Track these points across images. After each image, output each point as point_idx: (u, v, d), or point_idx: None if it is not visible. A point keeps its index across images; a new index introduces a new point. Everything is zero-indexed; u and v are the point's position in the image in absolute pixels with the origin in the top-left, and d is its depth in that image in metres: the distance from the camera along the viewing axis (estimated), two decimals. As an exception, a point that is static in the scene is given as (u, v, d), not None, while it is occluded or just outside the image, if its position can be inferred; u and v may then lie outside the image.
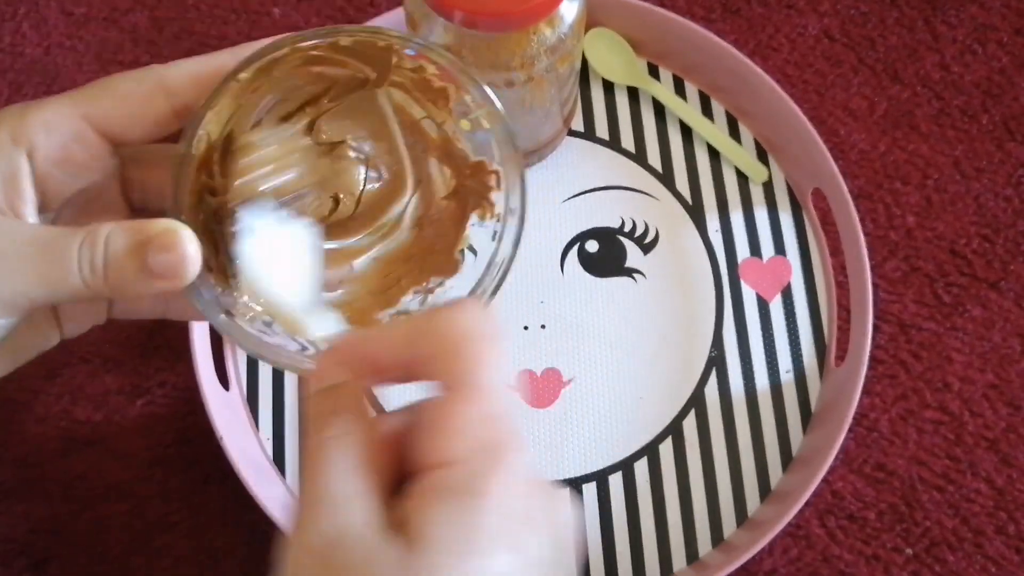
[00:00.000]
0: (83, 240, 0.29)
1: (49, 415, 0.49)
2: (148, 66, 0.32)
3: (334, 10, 0.57)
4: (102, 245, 0.29)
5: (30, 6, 0.57)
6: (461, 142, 0.35)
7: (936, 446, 0.49)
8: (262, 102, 0.33)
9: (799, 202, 0.52)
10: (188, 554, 0.47)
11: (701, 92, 0.54)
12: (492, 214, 0.34)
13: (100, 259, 0.29)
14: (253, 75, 0.31)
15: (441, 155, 0.35)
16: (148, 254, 0.29)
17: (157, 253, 0.29)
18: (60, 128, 0.31)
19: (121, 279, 0.29)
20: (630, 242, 0.51)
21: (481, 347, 0.26)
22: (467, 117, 0.34)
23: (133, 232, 0.30)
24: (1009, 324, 0.51)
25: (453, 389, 0.26)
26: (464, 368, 0.26)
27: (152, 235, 0.29)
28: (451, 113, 0.34)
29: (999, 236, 0.52)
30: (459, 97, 0.33)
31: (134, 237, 0.29)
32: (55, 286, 0.29)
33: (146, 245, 0.29)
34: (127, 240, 0.29)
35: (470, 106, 0.33)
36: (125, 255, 0.29)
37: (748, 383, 0.49)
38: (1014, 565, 0.47)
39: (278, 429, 0.48)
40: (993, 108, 0.55)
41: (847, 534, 0.47)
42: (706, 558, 0.46)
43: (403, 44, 0.32)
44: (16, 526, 0.47)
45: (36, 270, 0.29)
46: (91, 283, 0.29)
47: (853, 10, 0.57)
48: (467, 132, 0.34)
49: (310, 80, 0.34)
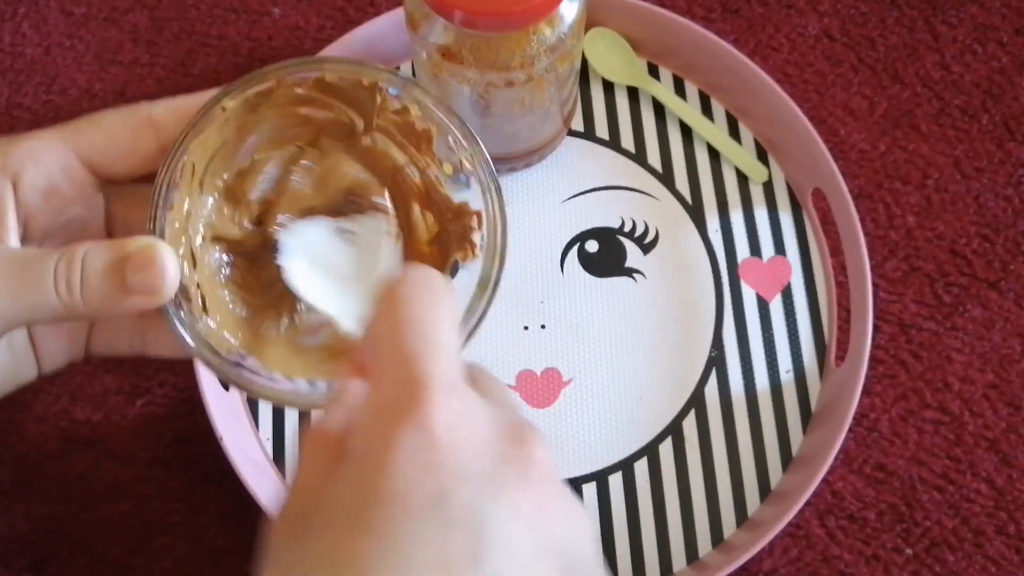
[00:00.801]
0: (60, 257, 0.29)
1: (48, 415, 0.49)
2: (136, 103, 0.32)
3: (334, 10, 0.57)
4: (79, 262, 0.29)
5: (30, 6, 0.57)
6: (443, 187, 0.35)
7: (936, 446, 0.49)
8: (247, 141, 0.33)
9: (799, 202, 0.52)
10: (188, 554, 0.47)
11: (701, 92, 0.54)
12: (474, 254, 0.34)
13: (77, 276, 0.29)
14: (239, 106, 0.31)
15: (424, 202, 0.35)
16: (127, 269, 0.29)
17: (136, 269, 0.29)
18: (47, 160, 0.31)
19: (98, 296, 0.29)
20: (630, 242, 0.51)
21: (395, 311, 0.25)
22: (450, 160, 0.34)
23: (111, 249, 0.29)
24: (1009, 324, 0.51)
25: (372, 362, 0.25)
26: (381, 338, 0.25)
27: (131, 251, 0.29)
28: (434, 157, 0.34)
29: (999, 236, 0.52)
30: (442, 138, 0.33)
31: (112, 253, 0.29)
32: (31, 305, 0.29)
33: (125, 261, 0.29)
34: (105, 257, 0.29)
35: (452, 147, 0.33)
36: (103, 271, 0.29)
37: (748, 383, 0.49)
38: (1014, 565, 0.47)
39: (278, 429, 0.48)
40: (993, 108, 0.55)
41: (847, 534, 0.47)
42: (706, 558, 0.46)
43: (388, 82, 0.32)
44: (15, 526, 0.47)
45: (11, 288, 0.29)
46: (66, 300, 0.29)
47: (853, 10, 0.57)
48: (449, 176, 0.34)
49: (296, 122, 0.34)
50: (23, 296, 0.29)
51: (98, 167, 0.32)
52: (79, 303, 0.29)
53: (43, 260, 0.29)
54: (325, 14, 0.57)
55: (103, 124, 0.32)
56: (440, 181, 0.35)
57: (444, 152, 0.34)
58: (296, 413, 0.48)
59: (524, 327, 0.50)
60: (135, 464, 0.48)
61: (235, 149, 0.33)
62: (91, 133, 0.31)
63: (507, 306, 0.50)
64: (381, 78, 0.32)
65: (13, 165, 0.30)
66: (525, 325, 0.50)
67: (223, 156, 0.33)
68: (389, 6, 0.56)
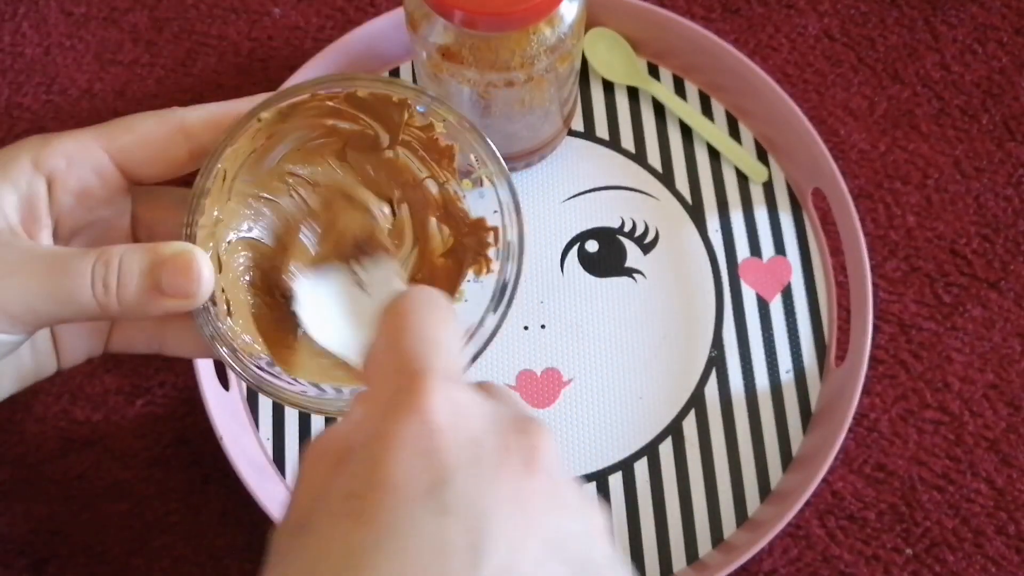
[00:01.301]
0: (97, 258, 0.30)
1: (48, 415, 0.49)
2: (170, 108, 0.33)
3: (334, 10, 0.57)
4: (116, 263, 0.30)
5: (30, 6, 0.57)
6: (461, 201, 0.35)
7: (936, 446, 0.49)
8: (275, 149, 0.34)
9: (799, 202, 0.52)
10: (188, 554, 0.47)
11: (701, 92, 0.54)
12: (488, 270, 0.34)
13: (114, 277, 0.30)
14: (273, 117, 0.32)
15: (441, 215, 0.36)
16: (163, 273, 0.30)
17: (171, 272, 0.30)
18: (81, 160, 0.31)
19: (133, 298, 0.30)
20: (630, 242, 0.51)
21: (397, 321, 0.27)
22: (470, 177, 0.34)
23: (147, 252, 0.30)
24: (1009, 324, 0.51)
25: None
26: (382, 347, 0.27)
27: (167, 255, 0.30)
28: (454, 173, 0.35)
29: (999, 236, 0.52)
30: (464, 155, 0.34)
31: (149, 257, 0.30)
32: (65, 302, 0.30)
33: (161, 265, 0.30)
34: (142, 260, 0.30)
35: (474, 164, 0.34)
36: (140, 274, 0.30)
37: (748, 383, 0.49)
38: (1014, 565, 0.47)
39: (278, 429, 0.48)
40: (993, 108, 0.55)
41: (847, 534, 0.47)
42: (706, 558, 0.46)
43: (416, 98, 0.33)
44: (15, 526, 0.47)
45: (47, 285, 0.30)
46: (102, 300, 0.30)
47: (853, 10, 0.57)
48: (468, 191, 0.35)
49: (323, 133, 0.35)
50: (59, 294, 0.30)
51: (129, 170, 0.32)
52: (114, 303, 0.30)
53: (80, 260, 0.30)
54: (325, 14, 0.57)
55: (137, 128, 0.32)
56: (459, 196, 0.35)
57: (465, 169, 0.35)
58: (296, 413, 0.48)
59: (524, 327, 0.50)
60: (135, 464, 0.48)
61: (263, 156, 0.34)
62: (125, 136, 0.32)
63: (507, 306, 0.50)
64: (410, 95, 0.33)
65: (49, 164, 0.31)
66: (525, 325, 0.50)
67: (251, 163, 0.34)
68: (389, 6, 0.56)
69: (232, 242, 0.34)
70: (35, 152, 0.31)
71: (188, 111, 0.33)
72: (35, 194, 0.31)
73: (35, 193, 0.31)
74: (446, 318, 0.27)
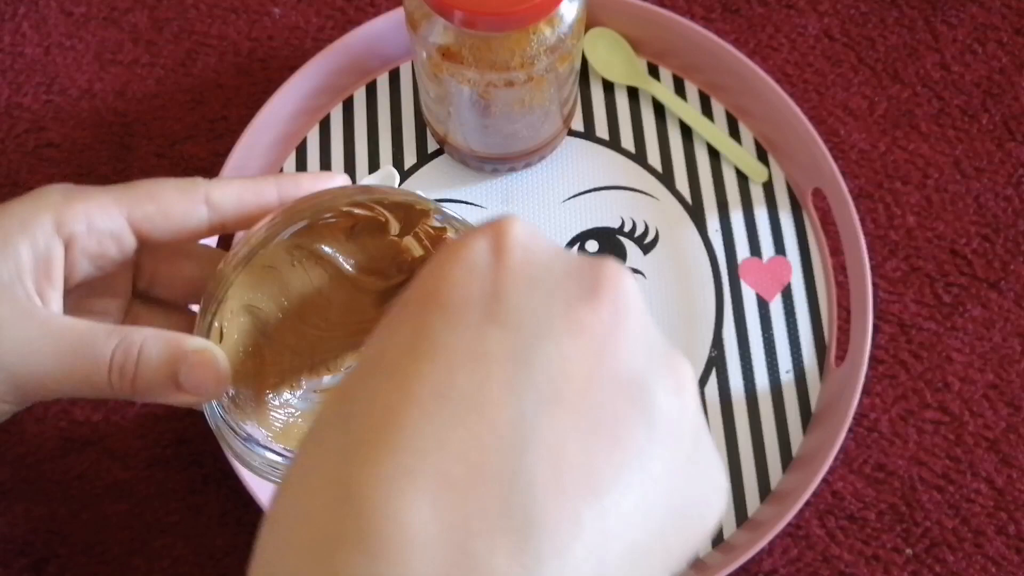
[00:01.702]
0: (119, 343, 0.30)
1: (48, 415, 0.49)
2: (194, 179, 0.33)
3: (334, 10, 0.57)
4: (135, 352, 0.30)
5: (30, 6, 0.57)
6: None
7: (936, 446, 0.49)
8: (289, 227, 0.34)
9: (799, 202, 0.52)
10: (188, 554, 0.47)
11: (701, 92, 0.54)
12: None
13: (132, 365, 0.30)
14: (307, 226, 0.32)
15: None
16: (181, 369, 0.30)
17: (191, 369, 0.30)
18: (102, 225, 0.32)
19: (148, 387, 0.30)
20: (630, 242, 0.51)
21: None
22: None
23: (168, 345, 0.30)
24: (1009, 324, 0.51)
25: None
26: None
27: (187, 351, 0.30)
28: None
29: (999, 236, 0.52)
30: None
31: (170, 351, 0.30)
32: (79, 381, 0.30)
33: (181, 360, 0.30)
34: (163, 352, 0.30)
35: None
36: (158, 366, 0.30)
37: (748, 383, 0.49)
38: (1014, 565, 0.46)
39: (278, 429, 0.48)
40: (993, 108, 0.55)
41: (847, 534, 0.47)
42: (706, 558, 0.46)
43: (436, 212, 0.33)
44: (15, 526, 0.47)
45: (65, 363, 0.30)
46: (117, 385, 0.30)
47: (853, 10, 0.57)
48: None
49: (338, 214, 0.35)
50: (75, 372, 0.30)
51: (146, 235, 0.33)
52: (127, 389, 0.30)
53: (100, 340, 0.30)
54: (325, 14, 0.57)
55: (160, 197, 0.32)
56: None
57: None
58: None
59: (524, 327, 0.50)
60: (135, 464, 0.48)
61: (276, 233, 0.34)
62: (148, 204, 0.32)
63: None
64: (431, 208, 0.33)
65: (68, 227, 0.31)
66: (525, 325, 0.50)
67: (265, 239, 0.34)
68: (389, 6, 0.56)
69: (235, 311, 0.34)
70: (57, 212, 0.31)
71: (213, 187, 0.33)
72: (52, 256, 0.31)
73: (52, 255, 0.31)
74: None
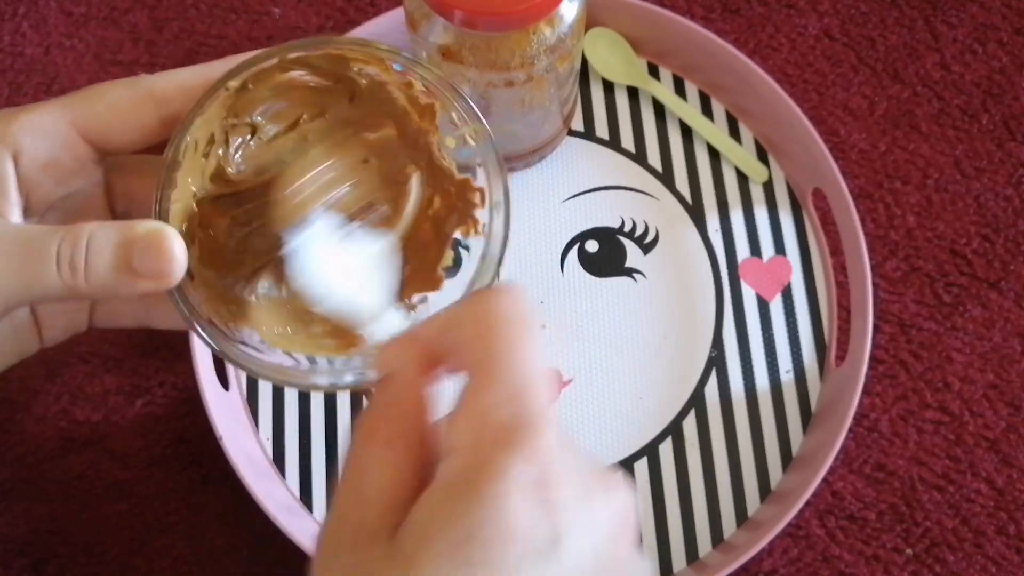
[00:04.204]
0: (63, 237, 0.29)
1: (48, 415, 0.49)
2: (138, 75, 0.32)
3: (334, 10, 0.57)
4: (83, 243, 0.29)
5: (30, 6, 0.57)
6: (446, 159, 0.35)
7: (936, 446, 0.49)
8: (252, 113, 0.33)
9: (799, 202, 0.52)
10: (187, 554, 0.47)
11: (701, 92, 0.54)
12: (477, 231, 0.34)
13: (81, 257, 0.29)
14: (242, 84, 0.31)
15: (425, 168, 0.35)
16: (134, 254, 0.29)
17: (144, 253, 0.29)
18: (48, 132, 0.30)
19: (103, 279, 0.29)
20: (630, 242, 0.51)
21: (505, 330, 0.24)
22: (453, 135, 0.34)
23: (118, 231, 0.29)
24: (1009, 324, 0.51)
25: (474, 374, 0.24)
26: (486, 351, 0.24)
27: (139, 235, 0.29)
28: (437, 130, 0.34)
29: (999, 236, 0.52)
30: (445, 113, 0.33)
31: (119, 236, 0.29)
32: (32, 284, 0.29)
33: (132, 244, 0.29)
34: (112, 239, 0.29)
35: (456, 123, 0.33)
36: (109, 254, 0.29)
37: (748, 383, 0.49)
38: (1014, 565, 0.46)
39: (278, 429, 0.48)
40: (993, 108, 0.55)
41: (847, 534, 0.47)
42: (706, 558, 0.46)
43: (392, 58, 0.32)
44: (15, 526, 0.47)
45: (13, 267, 0.29)
46: (69, 281, 0.29)
47: (853, 10, 0.57)
48: (452, 149, 0.34)
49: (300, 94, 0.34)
50: (25, 276, 0.29)
51: (98, 139, 0.32)
52: (82, 284, 0.29)
53: (46, 239, 0.29)
54: (325, 14, 0.57)
55: (105, 97, 0.31)
56: (442, 153, 0.35)
57: (448, 128, 0.34)
58: (296, 413, 0.48)
59: (524, 327, 0.50)
60: (135, 464, 0.48)
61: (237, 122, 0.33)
62: (92, 105, 0.31)
63: (507, 306, 0.50)
64: (385, 55, 0.32)
65: (14, 138, 0.30)
66: (525, 325, 0.50)
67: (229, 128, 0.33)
68: (389, 6, 0.56)
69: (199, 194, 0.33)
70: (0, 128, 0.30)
71: (157, 78, 0.31)
72: (2, 171, 0.30)
73: (1, 170, 0.30)
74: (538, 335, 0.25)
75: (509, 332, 0.24)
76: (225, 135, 0.33)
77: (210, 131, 0.32)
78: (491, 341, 0.24)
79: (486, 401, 0.23)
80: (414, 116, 0.34)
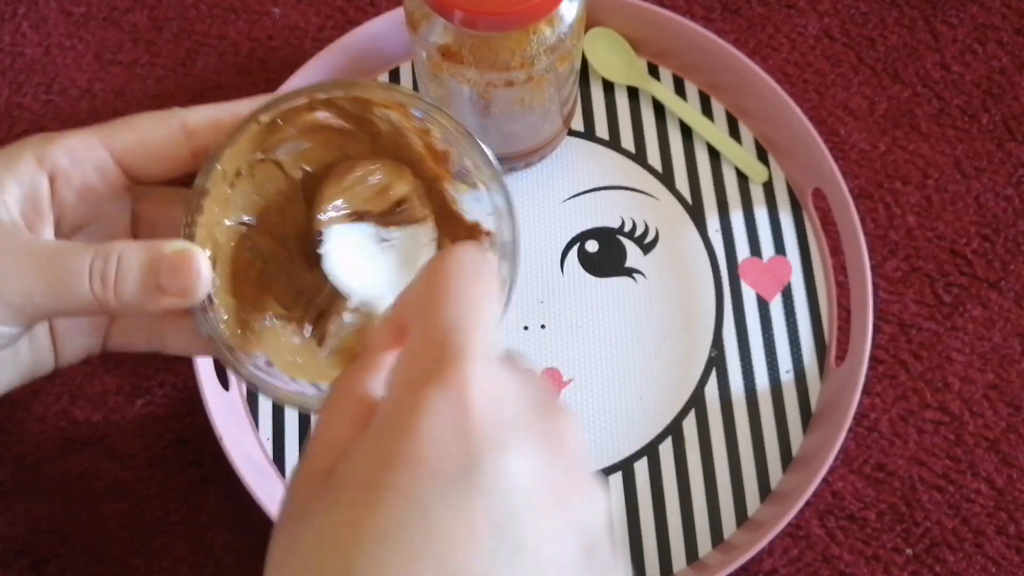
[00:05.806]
0: (96, 253, 0.30)
1: (48, 415, 0.49)
2: (171, 108, 0.33)
3: (334, 10, 0.57)
4: (115, 259, 0.30)
5: (30, 6, 0.57)
6: (457, 204, 0.36)
7: (936, 446, 0.49)
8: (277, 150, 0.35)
9: (799, 202, 0.52)
10: (187, 554, 0.47)
11: (701, 92, 0.54)
12: None
13: (112, 272, 0.30)
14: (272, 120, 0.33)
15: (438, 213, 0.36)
16: (161, 270, 0.30)
17: (170, 269, 0.30)
18: (83, 157, 0.32)
19: (131, 293, 0.30)
20: (630, 242, 0.51)
21: (437, 281, 0.25)
22: (465, 181, 0.35)
23: (146, 249, 0.31)
24: (1009, 324, 0.51)
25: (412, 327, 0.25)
26: (420, 305, 0.25)
27: (167, 253, 0.31)
28: (450, 177, 0.35)
29: (999, 236, 0.52)
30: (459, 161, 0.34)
31: (148, 254, 0.31)
32: (63, 295, 0.30)
33: (159, 263, 0.30)
34: (141, 256, 0.31)
35: (470, 170, 0.34)
36: (138, 270, 0.30)
37: (748, 383, 0.49)
38: (1014, 565, 0.47)
39: (278, 429, 0.48)
40: (993, 108, 0.55)
41: (847, 534, 0.47)
42: (706, 558, 0.46)
43: (413, 104, 0.33)
44: (15, 526, 0.47)
45: (46, 278, 0.30)
46: (99, 295, 0.30)
47: (853, 10, 0.57)
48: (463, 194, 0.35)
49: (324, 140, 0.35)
50: (57, 287, 0.30)
51: (130, 168, 0.33)
52: (111, 299, 0.30)
53: (79, 254, 0.30)
54: (325, 14, 0.57)
55: (138, 128, 0.33)
56: (454, 199, 0.36)
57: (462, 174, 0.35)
58: (296, 414, 0.48)
59: (524, 327, 0.50)
60: (135, 464, 0.48)
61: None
62: (126, 135, 0.33)
63: (507, 306, 0.50)
64: (407, 101, 0.33)
65: (52, 161, 0.32)
66: (525, 325, 0.50)
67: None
68: (389, 6, 0.56)
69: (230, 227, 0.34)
70: (39, 149, 0.32)
71: (189, 112, 0.33)
72: (38, 189, 0.31)
73: (38, 188, 0.31)
74: (491, 285, 0.26)
75: (440, 282, 0.25)
76: (251, 168, 0.34)
77: (237, 164, 0.33)
78: (426, 295, 0.25)
79: (415, 347, 0.25)
80: (429, 162, 0.35)
